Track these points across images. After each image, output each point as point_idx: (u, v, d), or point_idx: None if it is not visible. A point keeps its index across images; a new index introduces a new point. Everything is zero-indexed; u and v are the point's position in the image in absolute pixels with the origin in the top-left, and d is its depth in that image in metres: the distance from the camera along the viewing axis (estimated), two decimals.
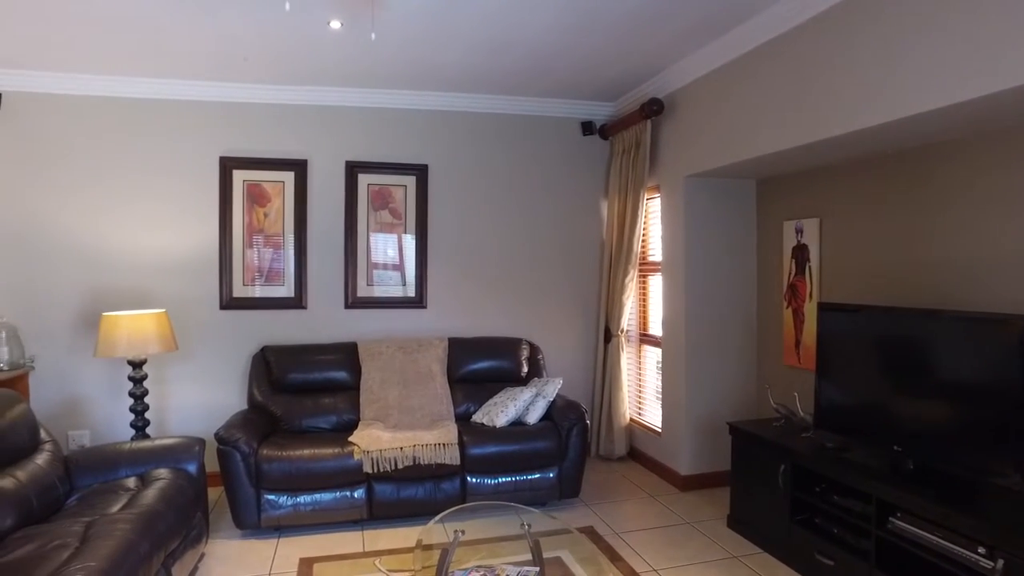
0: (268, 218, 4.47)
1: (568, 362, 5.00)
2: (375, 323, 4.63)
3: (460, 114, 4.75)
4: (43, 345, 4.17)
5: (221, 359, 4.41)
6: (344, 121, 4.57)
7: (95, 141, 4.22)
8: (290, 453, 3.54)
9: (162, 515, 2.74)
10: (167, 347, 3.79)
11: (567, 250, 4.99)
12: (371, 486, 3.62)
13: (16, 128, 4.12)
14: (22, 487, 2.75)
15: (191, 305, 4.36)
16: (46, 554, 2.35)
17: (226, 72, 4.09)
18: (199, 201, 4.37)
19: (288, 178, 4.49)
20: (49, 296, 4.18)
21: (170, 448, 3.30)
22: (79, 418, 4.24)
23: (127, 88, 4.20)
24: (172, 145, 4.32)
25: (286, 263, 4.50)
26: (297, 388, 4.18)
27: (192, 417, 4.37)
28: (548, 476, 3.87)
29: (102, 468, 3.16)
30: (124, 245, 4.27)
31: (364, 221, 4.61)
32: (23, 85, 4.08)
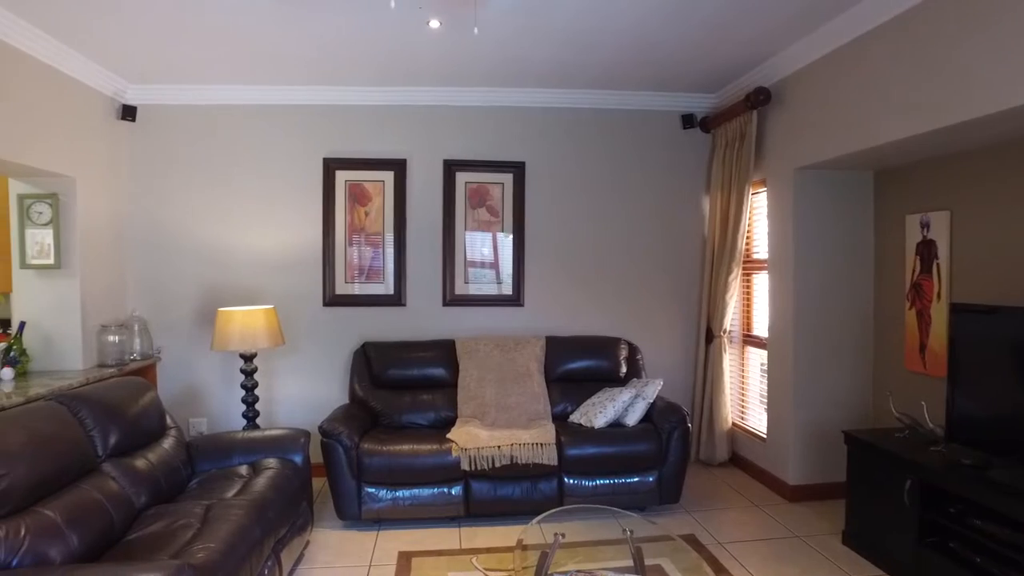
0: (369, 217, 4.59)
1: (667, 363, 4.84)
2: (472, 321, 4.66)
3: (557, 110, 4.69)
4: (168, 337, 4.47)
5: (324, 354, 4.57)
6: (442, 120, 4.62)
7: (213, 147, 4.48)
8: (390, 448, 3.61)
9: (272, 503, 2.86)
10: (275, 342, 3.96)
11: (667, 247, 4.84)
12: (468, 484, 3.64)
13: (149, 138, 4.43)
14: (153, 468, 2.94)
15: (297, 302, 4.54)
16: (173, 532, 2.50)
17: (329, 76, 4.23)
18: (305, 201, 4.54)
19: (388, 178, 4.59)
20: (174, 292, 4.47)
21: (278, 439, 3.44)
22: (198, 406, 4.52)
23: (241, 96, 4.43)
24: (280, 148, 4.52)
25: (385, 261, 4.60)
26: (396, 384, 4.26)
27: (297, 409, 4.56)
28: (647, 480, 3.75)
29: (218, 455, 3.34)
30: (238, 244, 4.51)
31: (461, 219, 4.64)
32: (154, 98, 4.38)
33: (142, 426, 3.04)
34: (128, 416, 2.95)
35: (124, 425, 2.90)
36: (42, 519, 2.25)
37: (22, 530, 2.16)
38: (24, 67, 3.41)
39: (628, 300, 4.80)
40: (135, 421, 2.99)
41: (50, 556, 2.19)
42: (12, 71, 3.32)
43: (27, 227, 3.78)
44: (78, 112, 3.89)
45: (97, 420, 2.77)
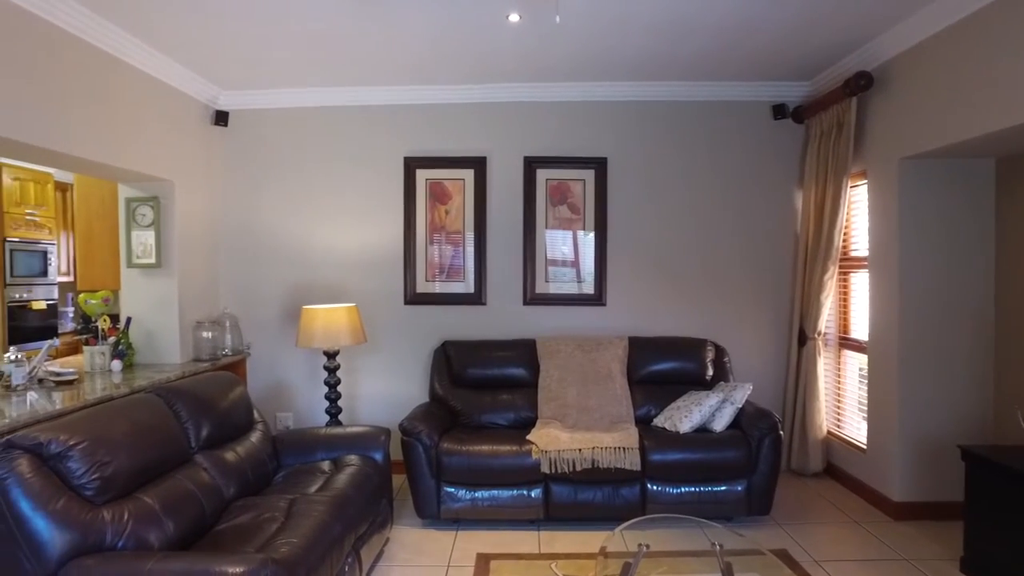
0: (449, 215, 4.60)
1: (756, 366, 4.60)
2: (553, 320, 4.59)
3: (640, 103, 4.55)
4: (257, 334, 4.64)
5: (405, 352, 4.61)
6: (522, 116, 4.57)
7: (298, 149, 4.61)
8: (469, 448, 3.58)
9: (352, 500, 2.88)
10: (357, 340, 4.02)
11: (756, 244, 4.60)
12: (548, 486, 3.57)
13: (239, 142, 4.62)
14: (241, 461, 3.03)
15: (379, 300, 4.61)
16: (259, 524, 2.56)
17: (409, 76, 4.26)
18: (386, 201, 4.60)
19: (468, 175, 4.58)
20: (262, 290, 4.64)
21: (359, 436, 3.48)
22: (284, 401, 4.66)
23: (324, 98, 4.53)
24: (362, 149, 4.60)
25: (466, 259, 4.59)
26: (476, 383, 4.24)
27: (378, 406, 4.62)
28: (735, 489, 3.56)
29: (302, 450, 3.41)
30: (322, 243, 4.62)
31: (542, 217, 4.58)
32: (244, 103, 4.56)
33: (231, 420, 3.14)
34: (219, 410, 3.06)
35: (215, 418, 3.00)
36: (142, 505, 2.35)
37: (125, 515, 2.26)
38: (130, 78, 3.61)
39: (714, 300, 4.60)
40: (225, 415, 3.09)
41: (149, 541, 2.28)
42: (120, 82, 3.52)
43: (132, 229, 4.00)
44: (177, 118, 4.08)
45: (191, 413, 2.88)
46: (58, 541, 2.06)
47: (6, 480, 2.05)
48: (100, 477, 2.23)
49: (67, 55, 3.17)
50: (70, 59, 3.19)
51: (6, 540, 2.03)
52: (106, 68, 3.44)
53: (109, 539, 2.18)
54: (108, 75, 3.45)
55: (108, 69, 3.45)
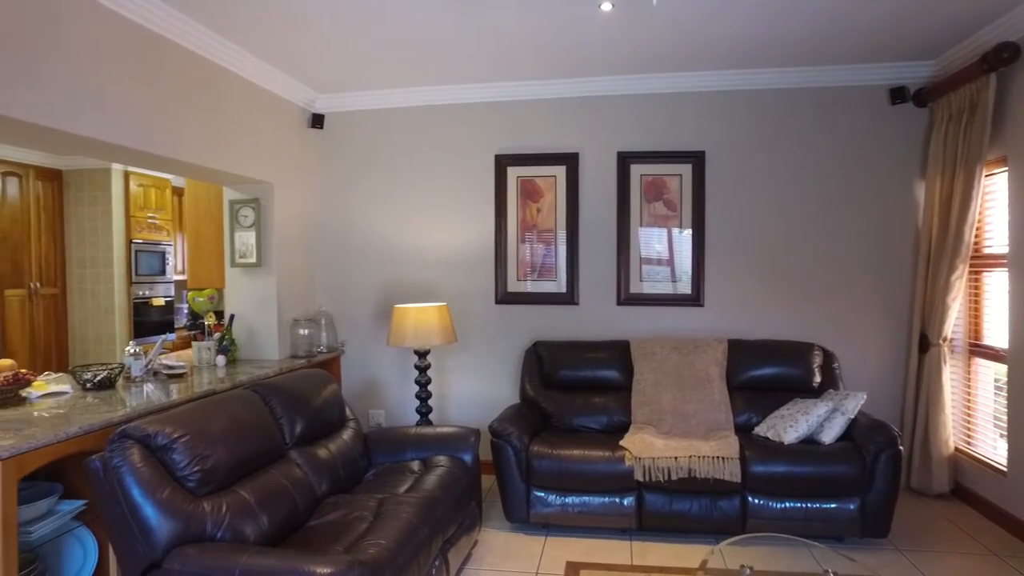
0: (540, 213, 4.52)
1: (870, 374, 4.23)
2: (647, 321, 4.41)
3: (739, 93, 4.29)
4: (351, 332, 4.74)
5: (495, 352, 4.57)
6: (615, 110, 4.42)
7: (391, 149, 4.66)
8: (560, 452, 3.49)
9: (440, 502, 2.85)
10: (448, 339, 4.01)
11: (870, 241, 4.23)
12: (641, 495, 3.41)
13: (334, 144, 4.73)
14: (333, 458, 3.07)
15: (469, 299, 4.59)
16: (349, 523, 2.57)
17: (500, 72, 4.21)
18: (477, 199, 4.58)
19: (560, 172, 4.48)
20: (356, 288, 4.73)
21: (449, 436, 3.46)
22: (377, 398, 4.74)
23: (415, 98, 4.56)
24: (453, 147, 4.60)
25: (558, 258, 4.50)
26: (568, 385, 4.14)
27: (468, 406, 4.61)
28: (847, 508, 3.27)
29: (392, 449, 3.43)
30: (414, 242, 4.66)
31: (636, 213, 4.41)
32: (339, 106, 4.67)
33: (324, 417, 3.19)
34: (312, 407, 3.11)
35: (308, 415, 3.06)
36: (239, 499, 2.41)
37: (223, 507, 2.32)
38: (235, 86, 3.76)
39: (822, 301, 4.27)
40: (318, 412, 3.15)
41: (245, 533, 2.34)
42: (226, 90, 3.67)
43: (236, 230, 4.18)
44: (276, 123, 4.22)
45: (285, 409, 2.94)
46: (164, 528, 2.14)
47: (120, 468, 2.15)
48: (201, 470, 2.30)
49: (181, 68, 3.34)
50: (183, 71, 3.35)
51: (122, 522, 2.14)
52: (214, 78, 3.59)
53: (209, 529, 2.25)
54: (215, 84, 3.61)
55: (215, 79, 3.60)
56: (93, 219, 6.22)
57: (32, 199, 6.02)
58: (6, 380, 2.87)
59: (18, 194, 5.91)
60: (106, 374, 3.19)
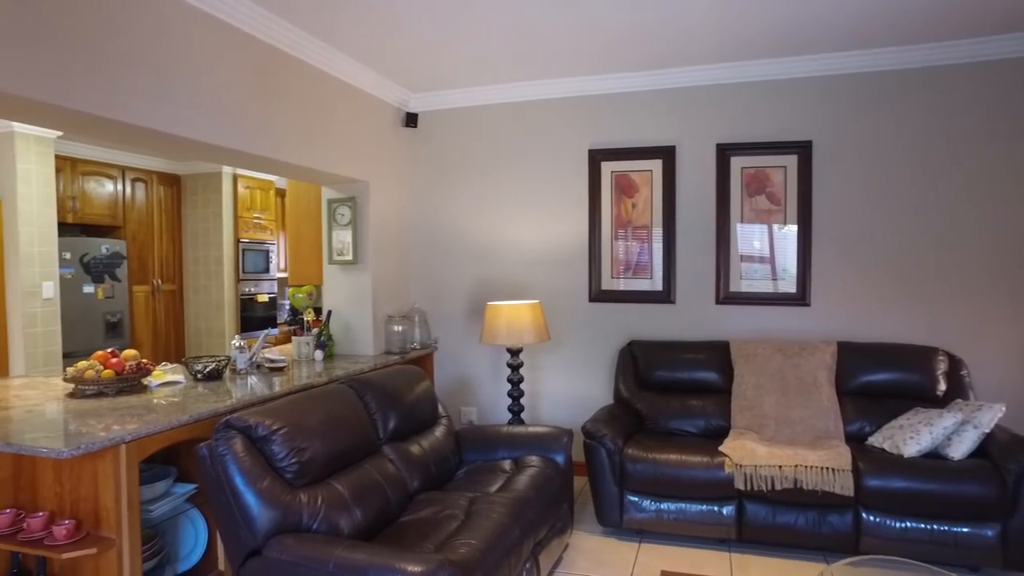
0: (636, 209, 4.38)
1: (1008, 382, 3.81)
2: (748, 321, 4.19)
3: (853, 77, 3.98)
4: (444, 329, 4.78)
5: (588, 351, 4.48)
6: (713, 100, 4.22)
7: (483, 146, 4.66)
8: (656, 456, 3.35)
9: (532, 503, 2.80)
10: (540, 337, 3.95)
11: (1006, 236, 3.80)
12: (742, 504, 3.23)
13: (427, 143, 4.79)
14: (425, 455, 3.09)
15: (562, 297, 4.52)
16: (439, 521, 2.56)
17: (593, 65, 4.11)
18: (571, 195, 4.50)
19: (656, 166, 4.33)
20: (449, 286, 4.77)
21: (541, 436, 3.40)
22: (468, 396, 4.75)
23: (508, 94, 4.54)
24: (546, 143, 4.54)
25: (653, 255, 4.35)
26: (663, 386, 3.99)
27: (560, 406, 4.54)
28: (984, 534, 2.95)
29: (484, 447, 3.41)
30: (506, 239, 4.64)
31: (737, 208, 4.19)
32: (432, 104, 4.72)
33: (417, 413, 3.21)
34: (405, 403, 3.14)
35: (401, 411, 3.09)
36: (334, 492, 2.45)
37: (319, 499, 2.37)
38: (331, 87, 3.87)
39: (947, 301, 3.89)
40: (411, 408, 3.17)
41: (340, 526, 2.37)
42: (323, 92, 3.78)
43: (333, 228, 4.30)
44: (372, 123, 4.31)
45: (379, 405, 2.98)
46: (264, 517, 2.20)
47: (224, 456, 2.23)
48: (298, 462, 2.36)
49: (285, 73, 3.46)
50: (287, 76, 3.48)
51: (226, 508, 2.22)
52: (314, 81, 3.70)
53: (305, 520, 2.29)
54: (315, 87, 3.72)
55: (315, 82, 3.72)
56: (206, 220, 6.62)
57: (155, 203, 6.48)
58: (130, 369, 3.06)
59: (144, 198, 6.37)
60: (214, 366, 3.35)
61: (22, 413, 2.65)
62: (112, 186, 6.04)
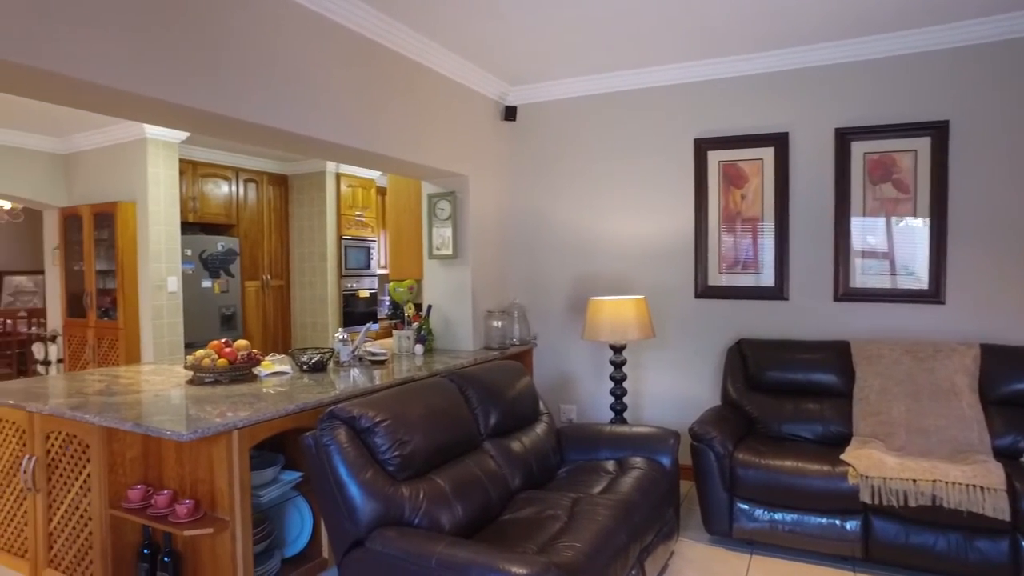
0: (745, 200, 4.13)
1: None
2: (870, 319, 3.85)
3: (999, 45, 3.55)
4: (543, 324, 4.70)
5: (694, 349, 4.27)
6: (830, 82, 3.90)
7: (583, 138, 4.55)
8: (769, 462, 3.13)
9: (638, 506, 2.67)
10: (645, 334, 3.79)
11: None
12: (868, 520, 2.95)
13: (526, 136, 4.72)
14: (526, 452, 3.02)
15: (666, 293, 4.33)
16: (541, 521, 2.48)
17: (697, 49, 3.90)
18: (675, 187, 4.30)
19: (767, 155, 4.06)
20: (548, 281, 4.68)
21: (646, 437, 3.25)
22: (568, 393, 4.65)
23: (608, 84, 4.40)
24: (648, 133, 4.36)
25: (764, 249, 4.08)
26: (775, 388, 3.74)
27: (662, 406, 4.35)
28: None
29: (586, 446, 3.30)
30: (607, 233, 4.50)
31: (858, 197, 3.86)
32: (530, 97, 4.65)
33: (518, 409, 3.14)
34: (506, 398, 3.08)
35: (503, 407, 3.03)
36: (435, 486, 2.42)
37: (421, 494, 2.34)
38: (431, 81, 3.87)
39: None
40: (512, 404, 3.11)
41: (441, 522, 2.34)
42: (423, 86, 3.79)
43: (433, 223, 4.31)
44: (471, 116, 4.29)
45: (480, 400, 2.93)
46: (367, 508, 2.20)
47: (329, 446, 2.24)
48: (400, 455, 2.34)
49: (386, 68, 3.49)
50: (387, 71, 3.51)
51: (331, 498, 2.23)
52: (414, 75, 3.72)
53: (407, 514, 2.27)
54: (415, 82, 3.73)
55: (415, 76, 3.73)
56: (311, 218, 6.88)
57: (265, 202, 6.79)
58: (242, 359, 3.18)
59: (255, 198, 6.69)
60: (319, 358, 3.42)
61: (150, 397, 2.80)
62: (227, 187, 6.38)
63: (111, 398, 2.78)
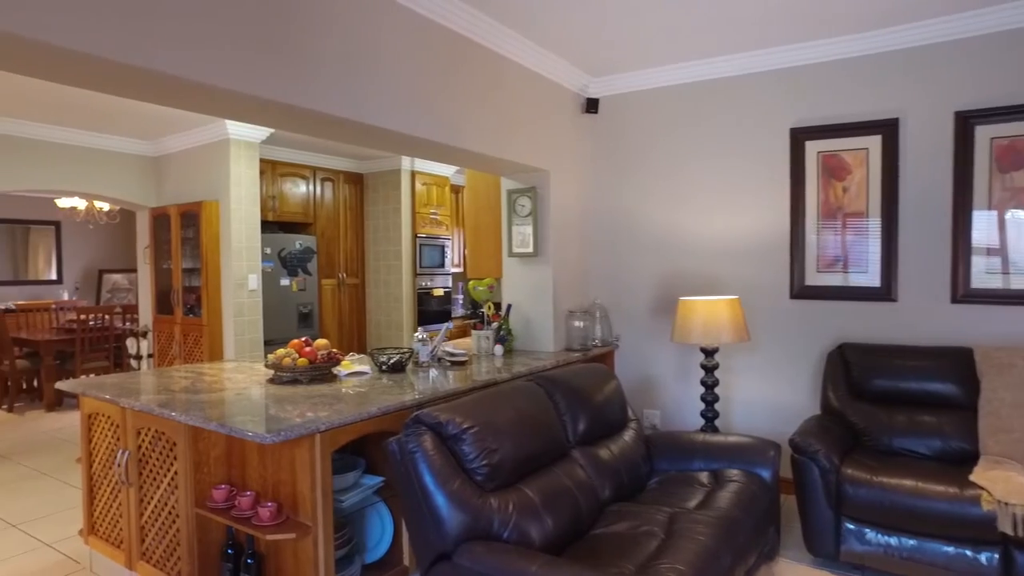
0: (847, 193, 3.81)
1: None
2: (995, 324, 3.47)
3: None
4: (625, 325, 4.50)
5: (788, 354, 3.98)
6: (947, 60, 3.54)
7: (668, 131, 4.32)
8: (884, 480, 2.84)
9: (740, 524, 2.46)
10: (739, 337, 3.55)
11: None
12: (1008, 552, 2.62)
13: (608, 129, 4.53)
14: (615, 460, 2.85)
15: (757, 293, 4.06)
16: (637, 538, 2.31)
17: (793, 32, 3.61)
18: (768, 181, 4.02)
19: (873, 143, 3.74)
20: (630, 280, 4.48)
21: (743, 448, 3.03)
22: (651, 397, 4.43)
23: (695, 73, 4.15)
24: (739, 124, 4.09)
25: (869, 246, 3.76)
26: (883, 397, 3.42)
27: (753, 413, 4.08)
28: None
29: (677, 456, 3.10)
30: (694, 230, 4.26)
31: (982, 188, 3.49)
32: (613, 89, 4.45)
33: (606, 415, 2.98)
34: (594, 403, 2.92)
35: (591, 412, 2.87)
36: (524, 498, 2.28)
37: (510, 505, 2.21)
38: (512, 74, 3.74)
39: None
40: (600, 409, 2.94)
41: (531, 535, 2.20)
42: (504, 78, 3.67)
43: (513, 220, 4.18)
44: (551, 109, 4.14)
45: (569, 405, 2.78)
46: (454, 520, 2.08)
47: (415, 453, 2.14)
48: (489, 464, 2.22)
49: (468, 60, 3.38)
50: (470, 63, 3.40)
51: (416, 507, 2.13)
52: (494, 67, 3.59)
53: (495, 528, 2.14)
54: (496, 74, 3.61)
55: (496, 68, 3.61)
56: (386, 216, 6.89)
57: (341, 200, 6.85)
58: (322, 358, 3.14)
59: (332, 197, 6.75)
60: (398, 358, 3.35)
61: (233, 395, 2.78)
62: (305, 186, 6.46)
63: (196, 396, 2.78)
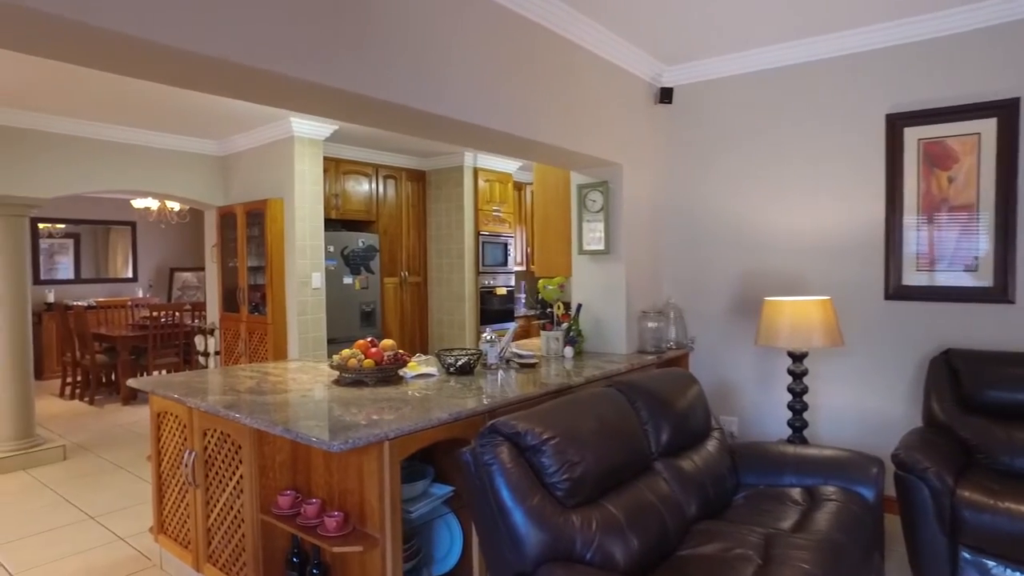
0: (954, 184, 3.47)
1: None
2: None
3: None
4: (701, 327, 4.25)
5: (883, 359, 3.66)
6: None
7: (749, 120, 4.04)
8: (1011, 506, 2.53)
9: (845, 550, 2.21)
10: (832, 340, 3.26)
11: None
12: None
13: (683, 120, 4.29)
14: (700, 473, 2.63)
15: (848, 293, 3.75)
16: (730, 561, 2.09)
17: (887, 8, 3.30)
18: (860, 172, 3.71)
19: (985, 128, 3.38)
20: (707, 279, 4.22)
21: (840, 463, 2.76)
22: (728, 403, 4.17)
23: (777, 57, 3.87)
24: (827, 111, 3.79)
25: (979, 242, 3.41)
26: (999, 411, 3.09)
27: (843, 423, 3.78)
28: None
29: (766, 469, 2.86)
30: (777, 227, 3.97)
31: None
32: (688, 77, 4.21)
33: (689, 424, 2.76)
34: (677, 411, 2.70)
35: (674, 421, 2.65)
36: (608, 515, 2.10)
37: (593, 524, 2.04)
38: (583, 62, 3.55)
39: None
40: (683, 417, 2.72)
41: (615, 557, 2.02)
42: (575, 67, 3.48)
43: (583, 216, 3.99)
44: (624, 100, 3.93)
45: (651, 413, 2.58)
46: (533, 539, 1.92)
47: (491, 466, 1.99)
48: (570, 478, 2.04)
49: (540, 48, 3.22)
50: (542, 52, 3.23)
51: (491, 523, 1.98)
52: (566, 55, 3.41)
53: (578, 548, 1.97)
54: (568, 63, 3.42)
55: (568, 56, 3.42)
56: (448, 214, 6.80)
57: (403, 198, 6.79)
58: (388, 360, 3.03)
59: (394, 194, 6.71)
60: (466, 359, 3.22)
61: (297, 397, 2.70)
62: (367, 184, 6.42)
63: (261, 397, 2.70)
